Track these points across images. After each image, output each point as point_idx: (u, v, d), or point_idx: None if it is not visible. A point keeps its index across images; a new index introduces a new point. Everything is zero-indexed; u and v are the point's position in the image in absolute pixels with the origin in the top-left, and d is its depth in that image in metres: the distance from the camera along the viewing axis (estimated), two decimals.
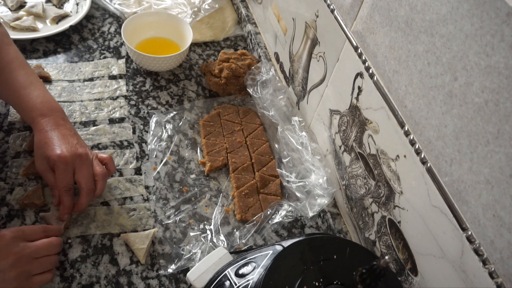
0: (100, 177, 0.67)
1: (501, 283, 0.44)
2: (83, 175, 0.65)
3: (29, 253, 0.58)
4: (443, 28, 0.46)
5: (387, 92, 0.58)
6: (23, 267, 0.57)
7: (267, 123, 0.87)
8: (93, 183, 0.66)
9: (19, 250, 0.57)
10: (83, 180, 0.65)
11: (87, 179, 0.65)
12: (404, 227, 0.59)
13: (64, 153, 0.64)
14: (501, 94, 0.41)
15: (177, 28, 0.96)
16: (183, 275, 0.67)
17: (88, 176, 0.66)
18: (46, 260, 0.60)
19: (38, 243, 0.60)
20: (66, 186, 0.65)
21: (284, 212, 0.74)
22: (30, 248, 0.58)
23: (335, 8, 0.68)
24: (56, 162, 0.64)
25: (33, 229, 0.61)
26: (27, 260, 0.57)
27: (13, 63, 0.69)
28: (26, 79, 0.69)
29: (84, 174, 0.65)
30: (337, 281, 0.47)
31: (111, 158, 0.71)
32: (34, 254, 0.58)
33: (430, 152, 0.51)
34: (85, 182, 0.65)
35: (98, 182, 0.67)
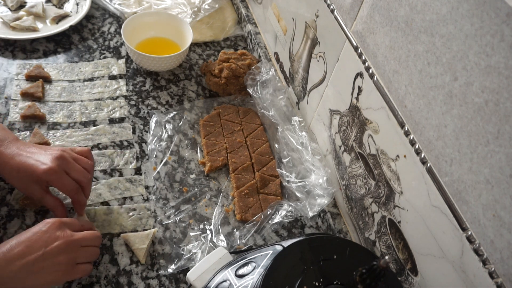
0: (89, 167, 0.67)
1: (501, 283, 0.44)
2: (77, 171, 0.65)
3: (77, 239, 0.59)
4: (443, 28, 0.46)
5: (387, 92, 0.58)
6: (71, 253, 0.57)
7: (267, 123, 0.87)
8: (87, 172, 0.66)
9: (68, 235, 0.58)
10: (79, 175, 0.65)
11: (81, 173, 0.65)
12: (404, 227, 0.59)
13: (50, 165, 0.62)
14: (501, 94, 0.41)
15: (177, 28, 0.96)
16: (183, 275, 0.67)
17: (80, 169, 0.65)
18: (91, 250, 0.61)
19: (85, 233, 0.61)
20: (72, 189, 0.65)
21: (284, 212, 0.74)
22: (78, 236, 0.59)
23: (335, 8, 0.68)
24: (49, 178, 0.62)
25: (72, 221, 0.62)
26: (75, 246, 0.58)
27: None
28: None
29: (77, 170, 0.65)
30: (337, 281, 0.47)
31: (89, 150, 0.70)
32: (81, 242, 0.59)
33: (430, 152, 0.51)
34: (82, 176, 0.65)
35: (90, 171, 0.67)
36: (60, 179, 0.63)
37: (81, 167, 0.66)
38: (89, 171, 0.67)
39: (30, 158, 0.63)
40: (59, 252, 0.56)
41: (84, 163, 0.67)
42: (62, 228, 0.58)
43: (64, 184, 0.63)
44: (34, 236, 0.56)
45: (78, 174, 0.65)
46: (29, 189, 0.63)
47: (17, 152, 0.63)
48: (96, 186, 0.74)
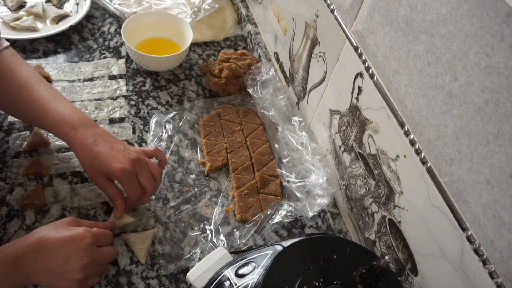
0: (158, 177, 0.69)
1: (501, 283, 0.44)
2: (147, 179, 0.66)
3: (97, 260, 0.60)
4: (443, 28, 0.47)
5: (387, 92, 0.58)
6: (87, 271, 0.59)
7: (267, 123, 0.87)
8: (154, 181, 0.68)
9: (93, 257, 0.59)
10: (147, 183, 0.67)
11: (150, 181, 0.67)
12: (404, 227, 0.59)
13: (124, 165, 0.63)
14: (501, 94, 0.41)
15: (177, 28, 0.96)
16: (183, 275, 0.67)
17: (150, 177, 0.67)
18: (104, 267, 0.63)
19: (106, 250, 0.62)
20: (136, 194, 0.66)
21: (284, 212, 0.74)
22: (100, 255, 0.61)
23: (335, 8, 0.68)
24: (121, 176, 0.64)
25: (106, 235, 0.63)
26: (94, 265, 0.60)
27: (30, 80, 0.67)
28: (48, 94, 0.67)
29: (147, 177, 0.66)
30: (337, 281, 0.47)
31: (157, 149, 0.72)
32: (99, 262, 0.61)
33: (430, 152, 0.51)
34: (150, 184, 0.67)
35: (157, 180, 0.69)
36: (130, 181, 0.64)
37: (151, 174, 0.67)
38: (156, 178, 0.69)
39: (109, 151, 0.64)
40: (78, 271, 0.57)
41: (155, 170, 0.69)
42: (90, 248, 0.58)
43: (132, 186, 0.65)
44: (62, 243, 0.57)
45: (146, 181, 0.66)
46: (96, 176, 0.65)
47: (96, 140, 0.64)
48: (96, 186, 0.74)
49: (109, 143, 0.65)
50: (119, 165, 0.63)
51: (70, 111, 0.66)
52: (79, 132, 0.65)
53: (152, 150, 0.71)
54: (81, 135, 0.64)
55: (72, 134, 0.65)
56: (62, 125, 0.65)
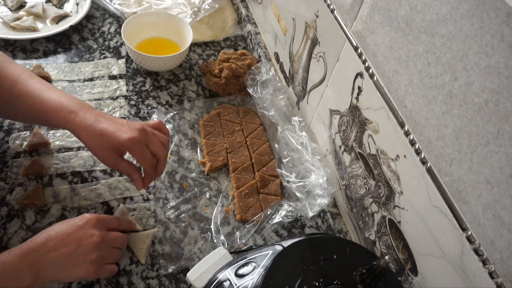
0: (166, 142, 0.69)
1: (501, 283, 0.44)
2: (156, 145, 0.66)
3: (109, 240, 0.61)
4: (443, 28, 0.47)
5: (387, 92, 0.58)
6: (102, 252, 0.59)
7: (267, 123, 0.87)
8: (164, 147, 0.68)
9: (102, 235, 0.60)
10: (158, 149, 0.66)
11: (160, 147, 0.67)
12: (404, 227, 0.59)
13: (133, 134, 0.63)
14: (501, 94, 0.41)
15: (177, 28, 0.96)
16: (183, 275, 0.67)
17: (159, 144, 0.67)
18: (117, 252, 0.63)
19: (116, 234, 0.63)
20: (150, 163, 0.66)
21: (284, 212, 0.74)
22: (110, 236, 0.61)
23: (335, 8, 0.68)
24: (131, 146, 0.63)
25: (111, 219, 0.64)
26: (106, 246, 0.60)
27: (22, 75, 0.68)
28: (41, 85, 0.67)
29: (156, 144, 0.66)
30: (337, 281, 0.47)
31: (161, 122, 0.72)
32: (111, 243, 0.61)
33: (430, 152, 0.51)
34: (161, 150, 0.67)
35: (166, 147, 0.69)
36: (142, 149, 0.64)
37: (159, 141, 0.67)
38: (166, 146, 0.69)
39: (113, 126, 0.64)
40: (92, 250, 0.58)
41: (162, 138, 0.69)
42: (98, 226, 0.60)
43: (144, 155, 0.65)
44: (70, 229, 0.58)
45: (157, 148, 0.66)
46: (106, 154, 0.64)
47: (97, 118, 0.64)
48: (96, 186, 0.74)
49: (111, 119, 0.65)
50: (127, 135, 0.63)
51: (66, 97, 0.66)
52: (79, 115, 0.64)
53: (156, 123, 0.71)
54: (81, 118, 0.64)
55: (73, 118, 0.64)
56: (60, 110, 0.64)
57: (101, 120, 0.64)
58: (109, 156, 0.64)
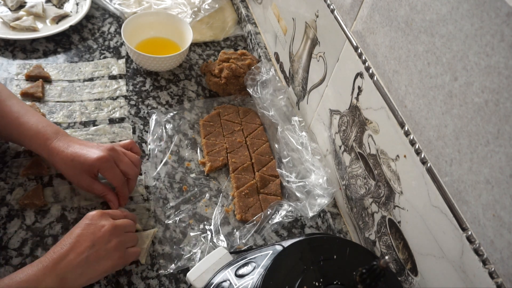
0: (137, 162, 0.71)
1: (501, 283, 0.44)
2: (126, 164, 0.68)
3: (120, 225, 0.62)
4: (443, 28, 0.47)
5: (387, 92, 0.58)
6: (119, 237, 0.61)
7: (267, 123, 0.87)
8: (134, 166, 0.70)
9: (112, 223, 0.61)
10: (128, 168, 0.69)
11: (130, 166, 0.69)
12: (404, 227, 0.59)
13: (101, 154, 0.65)
14: (501, 94, 0.41)
15: (177, 28, 0.96)
16: (183, 275, 0.67)
17: (129, 163, 0.69)
18: (133, 235, 0.65)
19: (124, 220, 0.64)
20: (121, 180, 0.68)
21: (284, 212, 0.74)
22: (119, 222, 0.63)
23: (335, 8, 0.68)
24: (100, 165, 0.65)
25: (113, 211, 0.65)
26: (120, 231, 0.61)
27: (1, 95, 0.69)
28: (20, 108, 0.69)
29: (126, 163, 0.68)
30: (337, 281, 0.47)
31: (133, 142, 0.74)
32: (123, 228, 0.63)
33: (430, 152, 0.51)
34: (131, 169, 0.69)
35: (137, 166, 0.71)
36: (111, 168, 0.66)
37: (129, 161, 0.69)
38: (137, 165, 0.71)
39: (83, 149, 0.66)
40: (109, 238, 0.59)
41: (132, 157, 0.71)
42: (105, 217, 0.61)
43: (114, 174, 0.67)
44: (81, 230, 0.59)
45: (126, 167, 0.68)
46: (79, 177, 0.67)
47: (69, 144, 0.67)
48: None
49: (82, 143, 0.68)
50: (96, 155, 0.65)
51: (43, 124, 0.68)
52: (53, 142, 0.67)
53: (127, 143, 0.73)
54: (55, 144, 0.66)
55: (48, 144, 0.67)
56: (37, 137, 0.67)
57: (72, 145, 0.67)
58: (82, 179, 0.67)
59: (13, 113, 0.68)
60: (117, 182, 0.68)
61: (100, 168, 0.66)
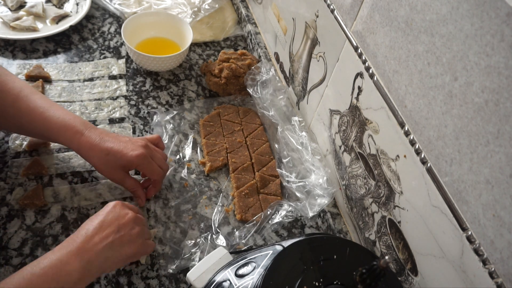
0: (165, 158, 0.75)
1: (501, 283, 0.44)
2: (160, 160, 0.71)
3: (141, 217, 0.63)
4: (443, 28, 0.47)
5: (387, 92, 0.58)
6: (141, 226, 0.62)
7: (267, 123, 0.87)
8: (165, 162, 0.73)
9: (134, 212, 0.62)
10: (162, 163, 0.71)
11: (163, 161, 0.72)
12: (404, 227, 0.59)
13: (140, 151, 0.67)
14: (501, 94, 0.41)
15: (177, 28, 0.96)
16: (183, 275, 0.67)
17: (161, 158, 0.72)
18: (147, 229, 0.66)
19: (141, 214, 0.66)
20: (159, 173, 0.70)
21: (284, 212, 0.74)
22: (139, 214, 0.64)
23: (335, 8, 0.68)
24: (140, 162, 0.67)
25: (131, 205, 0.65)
26: (142, 221, 0.63)
27: (24, 90, 0.68)
28: (44, 103, 0.68)
29: (159, 158, 0.71)
30: (337, 281, 0.47)
31: (160, 137, 0.76)
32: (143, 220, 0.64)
33: (430, 152, 0.51)
34: (164, 164, 0.72)
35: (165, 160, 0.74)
36: (149, 163, 0.69)
37: (161, 156, 0.73)
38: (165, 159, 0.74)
39: (117, 143, 0.67)
40: (132, 225, 0.60)
41: (162, 153, 0.74)
42: (125, 207, 0.62)
43: (153, 168, 0.69)
44: (105, 216, 0.59)
45: (160, 162, 0.71)
46: (113, 172, 0.68)
47: (102, 137, 0.67)
48: (96, 186, 0.74)
49: (115, 137, 0.68)
50: (135, 153, 0.66)
51: (70, 116, 0.68)
52: (84, 135, 0.66)
53: (155, 137, 0.76)
54: (87, 137, 0.66)
55: (78, 138, 0.66)
56: (65, 130, 0.66)
57: (106, 139, 0.67)
58: (116, 174, 0.68)
59: (38, 108, 0.67)
60: (157, 176, 0.70)
61: (139, 165, 0.67)
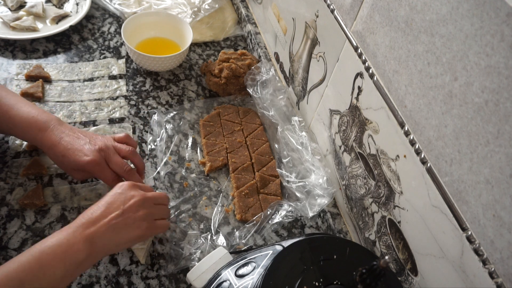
0: (131, 155, 0.71)
1: (501, 283, 0.44)
2: (115, 164, 0.68)
3: (150, 197, 0.63)
4: (443, 28, 0.47)
5: (387, 92, 0.58)
6: (148, 208, 0.62)
7: (267, 123, 0.87)
8: (127, 163, 0.69)
9: (142, 194, 0.62)
10: (117, 168, 0.68)
11: (120, 164, 0.68)
12: (404, 227, 0.59)
13: (91, 157, 0.65)
14: (501, 94, 0.41)
15: (177, 28, 0.96)
16: (183, 275, 0.67)
17: (119, 162, 0.69)
18: (163, 208, 0.66)
19: (156, 193, 0.66)
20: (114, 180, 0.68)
21: (284, 212, 0.74)
22: (150, 195, 0.63)
23: (335, 8, 0.68)
24: (91, 169, 0.66)
25: (143, 184, 0.66)
26: (149, 203, 0.62)
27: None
28: (10, 99, 0.68)
29: (115, 162, 0.68)
30: (337, 281, 0.47)
31: (128, 135, 0.73)
32: (154, 200, 0.64)
33: (430, 152, 0.51)
34: (120, 167, 0.69)
35: (133, 159, 0.71)
36: (101, 170, 0.67)
37: (121, 159, 0.69)
38: (131, 159, 0.71)
39: (73, 145, 0.66)
40: (137, 208, 0.60)
41: (124, 152, 0.70)
42: (135, 188, 0.63)
43: (105, 175, 0.67)
44: (111, 198, 0.60)
45: (116, 167, 0.68)
46: (73, 173, 0.68)
47: (61, 137, 0.67)
48: (96, 186, 0.74)
49: (74, 138, 0.67)
50: (86, 159, 0.65)
51: (35, 112, 0.68)
52: (47, 132, 0.67)
53: (122, 137, 0.72)
54: (48, 135, 0.66)
55: (41, 135, 0.66)
56: (29, 127, 0.67)
57: (65, 140, 0.66)
58: (75, 175, 0.69)
59: (3, 106, 0.67)
60: (109, 182, 0.68)
61: (90, 171, 0.67)
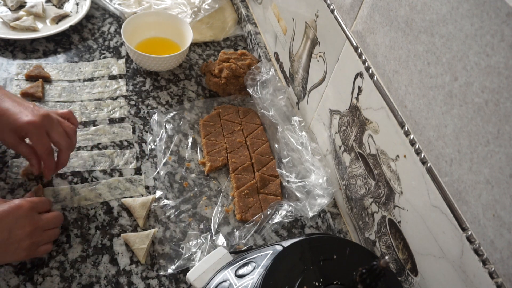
0: (72, 133, 0.68)
1: (501, 283, 0.44)
2: (58, 134, 0.65)
3: (42, 225, 0.61)
4: (443, 28, 0.47)
5: (387, 92, 0.58)
6: (34, 238, 0.59)
7: (267, 123, 0.87)
8: (68, 138, 0.67)
9: (35, 222, 0.59)
10: (60, 138, 0.65)
11: (62, 137, 0.65)
12: (404, 227, 0.59)
13: (33, 118, 0.62)
14: (501, 94, 0.41)
15: (177, 28, 0.96)
16: (183, 275, 0.67)
17: (62, 133, 0.66)
18: (52, 232, 0.64)
19: (49, 216, 0.63)
20: (46, 150, 0.65)
21: (284, 212, 0.74)
22: (43, 221, 0.61)
23: (335, 8, 0.68)
24: (28, 130, 0.62)
25: (43, 201, 0.64)
26: (39, 232, 0.60)
27: None
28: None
29: (59, 132, 0.65)
30: (337, 281, 0.47)
31: (71, 112, 0.71)
32: (45, 226, 0.61)
33: (430, 152, 0.51)
34: (63, 139, 0.65)
35: (71, 137, 0.68)
36: (39, 134, 0.63)
37: (63, 130, 0.66)
38: (70, 136, 0.68)
39: (15, 107, 0.63)
40: (24, 238, 0.58)
41: (67, 127, 0.67)
42: (30, 213, 0.59)
43: (41, 140, 0.63)
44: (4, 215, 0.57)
45: (59, 137, 0.65)
46: (5, 135, 0.63)
47: (3, 98, 0.63)
48: (96, 186, 0.74)
49: (16, 101, 0.64)
50: (27, 118, 0.62)
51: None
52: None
53: (65, 112, 0.70)
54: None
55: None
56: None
57: (5, 100, 0.63)
58: (9, 137, 0.64)
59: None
60: (41, 149, 0.64)
61: (28, 132, 0.62)
